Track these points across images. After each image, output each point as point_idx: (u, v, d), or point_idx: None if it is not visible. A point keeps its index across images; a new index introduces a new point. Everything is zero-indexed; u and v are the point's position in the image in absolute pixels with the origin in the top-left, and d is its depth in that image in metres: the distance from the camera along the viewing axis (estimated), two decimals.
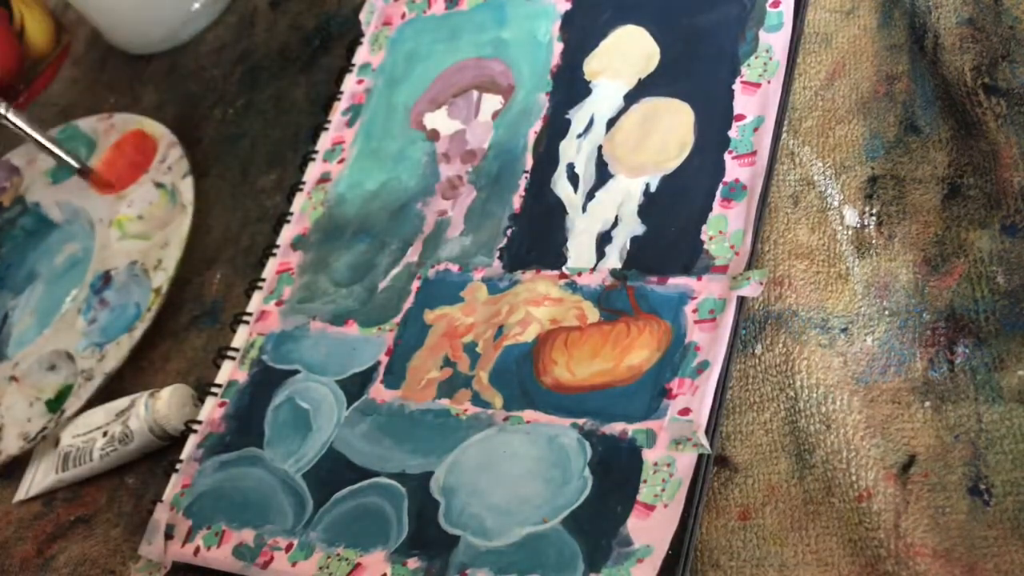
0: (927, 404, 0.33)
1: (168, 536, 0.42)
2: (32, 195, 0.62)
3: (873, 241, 0.37)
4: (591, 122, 0.44)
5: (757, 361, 0.36)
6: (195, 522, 0.42)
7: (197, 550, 0.41)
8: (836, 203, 0.38)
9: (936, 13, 0.40)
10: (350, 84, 0.53)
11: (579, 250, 0.41)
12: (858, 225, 0.37)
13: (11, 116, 0.38)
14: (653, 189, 0.41)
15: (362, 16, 0.55)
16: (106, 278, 0.55)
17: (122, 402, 0.47)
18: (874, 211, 0.37)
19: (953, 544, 0.31)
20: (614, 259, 0.40)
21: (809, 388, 0.35)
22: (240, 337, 0.47)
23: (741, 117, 0.41)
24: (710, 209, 0.39)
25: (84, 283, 0.56)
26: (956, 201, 0.36)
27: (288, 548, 0.39)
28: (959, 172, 0.37)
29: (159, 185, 0.57)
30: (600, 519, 0.34)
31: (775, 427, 0.35)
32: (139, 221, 0.57)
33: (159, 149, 0.58)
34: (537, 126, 0.46)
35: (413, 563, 0.37)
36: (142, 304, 0.52)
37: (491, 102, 0.48)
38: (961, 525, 0.31)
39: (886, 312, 0.35)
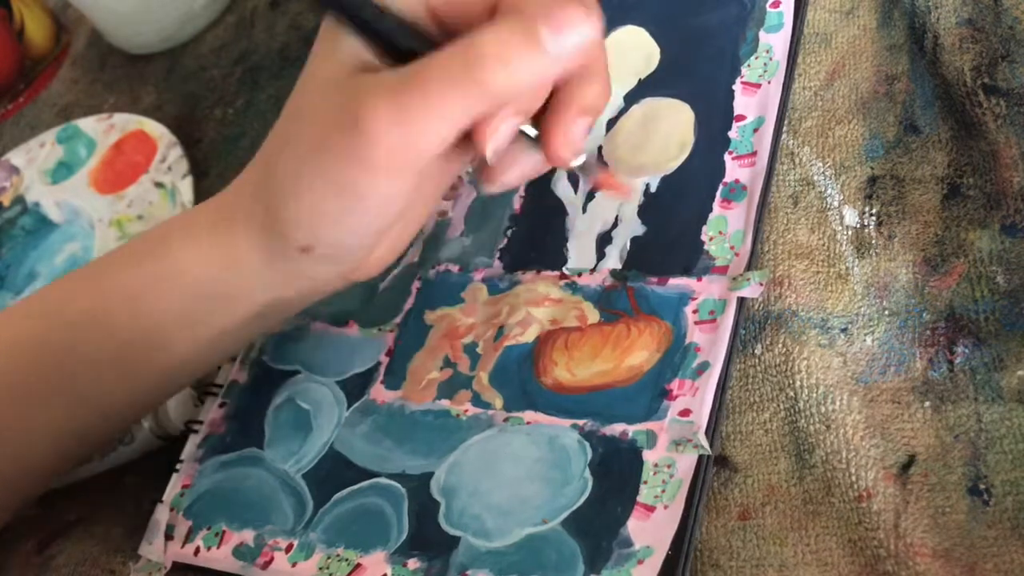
0: (927, 404, 0.33)
1: (168, 536, 0.42)
2: (32, 195, 0.62)
3: (873, 241, 0.37)
4: None
5: (757, 361, 0.36)
6: (195, 522, 0.42)
7: (197, 550, 0.41)
8: (836, 203, 0.38)
9: (936, 13, 0.40)
10: None
11: (579, 251, 0.41)
12: (858, 225, 0.37)
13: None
14: (653, 189, 0.41)
15: None
16: None
17: None
18: (874, 211, 0.37)
19: (953, 544, 0.31)
20: (614, 260, 0.40)
21: (809, 388, 0.35)
22: None
23: (741, 118, 0.41)
24: (710, 210, 0.39)
25: None
26: (956, 201, 0.36)
27: (288, 548, 0.39)
28: (959, 172, 0.37)
29: (159, 185, 0.57)
30: (600, 520, 0.34)
31: (775, 427, 0.35)
32: (139, 221, 0.57)
33: (159, 149, 0.58)
34: None
35: (413, 563, 0.36)
36: None
37: None
38: (961, 525, 0.31)
39: (886, 312, 0.35)
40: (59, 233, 0.60)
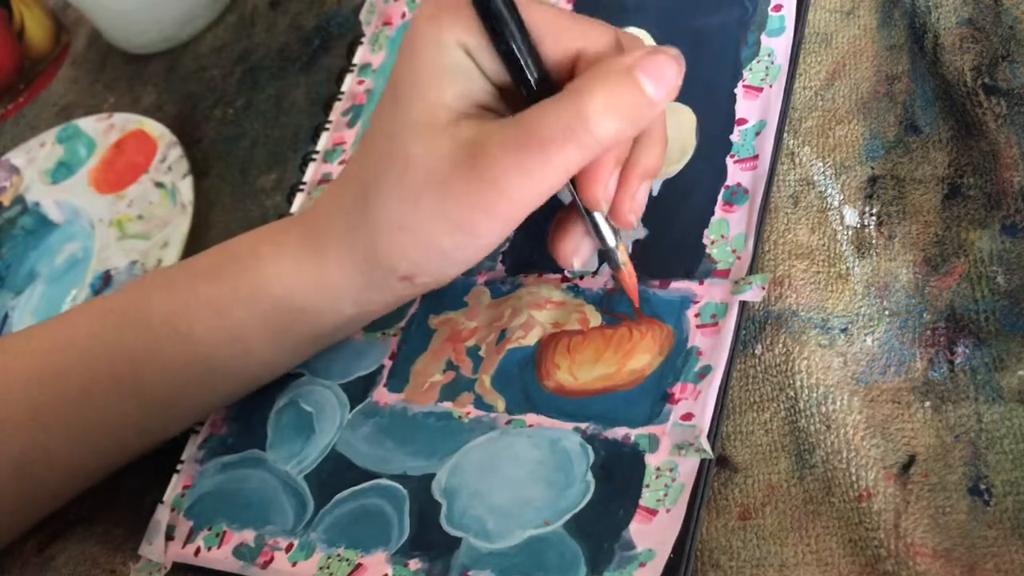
0: (927, 404, 0.33)
1: (169, 537, 0.42)
2: (32, 195, 0.61)
3: (873, 241, 0.37)
4: None
5: (757, 361, 0.36)
6: (196, 523, 0.42)
7: (198, 551, 0.41)
8: (836, 203, 0.38)
9: (936, 13, 0.40)
10: (351, 84, 0.53)
11: None
12: (858, 225, 0.37)
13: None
14: (655, 193, 0.41)
15: (362, 16, 0.54)
16: (106, 278, 0.55)
17: None
18: (874, 211, 0.37)
19: (953, 544, 0.31)
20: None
21: (809, 388, 0.35)
22: None
23: (743, 121, 0.41)
24: (712, 213, 0.39)
25: (84, 283, 0.56)
26: (956, 201, 0.36)
27: (288, 548, 0.39)
28: (959, 172, 0.37)
29: (159, 185, 0.57)
30: (602, 523, 0.34)
31: (775, 427, 0.35)
32: (139, 221, 0.57)
33: (159, 149, 0.58)
34: None
35: (415, 564, 0.37)
36: None
37: None
38: (961, 525, 0.31)
39: (886, 312, 0.35)
40: (59, 233, 0.60)
